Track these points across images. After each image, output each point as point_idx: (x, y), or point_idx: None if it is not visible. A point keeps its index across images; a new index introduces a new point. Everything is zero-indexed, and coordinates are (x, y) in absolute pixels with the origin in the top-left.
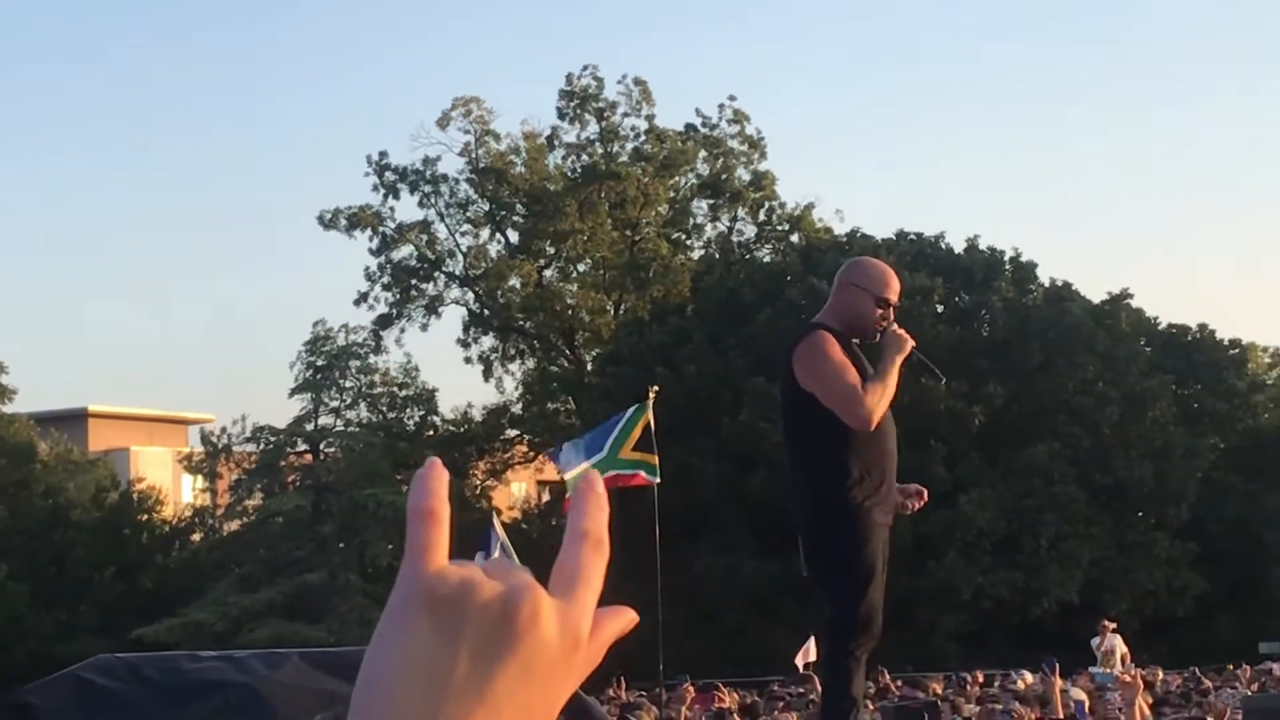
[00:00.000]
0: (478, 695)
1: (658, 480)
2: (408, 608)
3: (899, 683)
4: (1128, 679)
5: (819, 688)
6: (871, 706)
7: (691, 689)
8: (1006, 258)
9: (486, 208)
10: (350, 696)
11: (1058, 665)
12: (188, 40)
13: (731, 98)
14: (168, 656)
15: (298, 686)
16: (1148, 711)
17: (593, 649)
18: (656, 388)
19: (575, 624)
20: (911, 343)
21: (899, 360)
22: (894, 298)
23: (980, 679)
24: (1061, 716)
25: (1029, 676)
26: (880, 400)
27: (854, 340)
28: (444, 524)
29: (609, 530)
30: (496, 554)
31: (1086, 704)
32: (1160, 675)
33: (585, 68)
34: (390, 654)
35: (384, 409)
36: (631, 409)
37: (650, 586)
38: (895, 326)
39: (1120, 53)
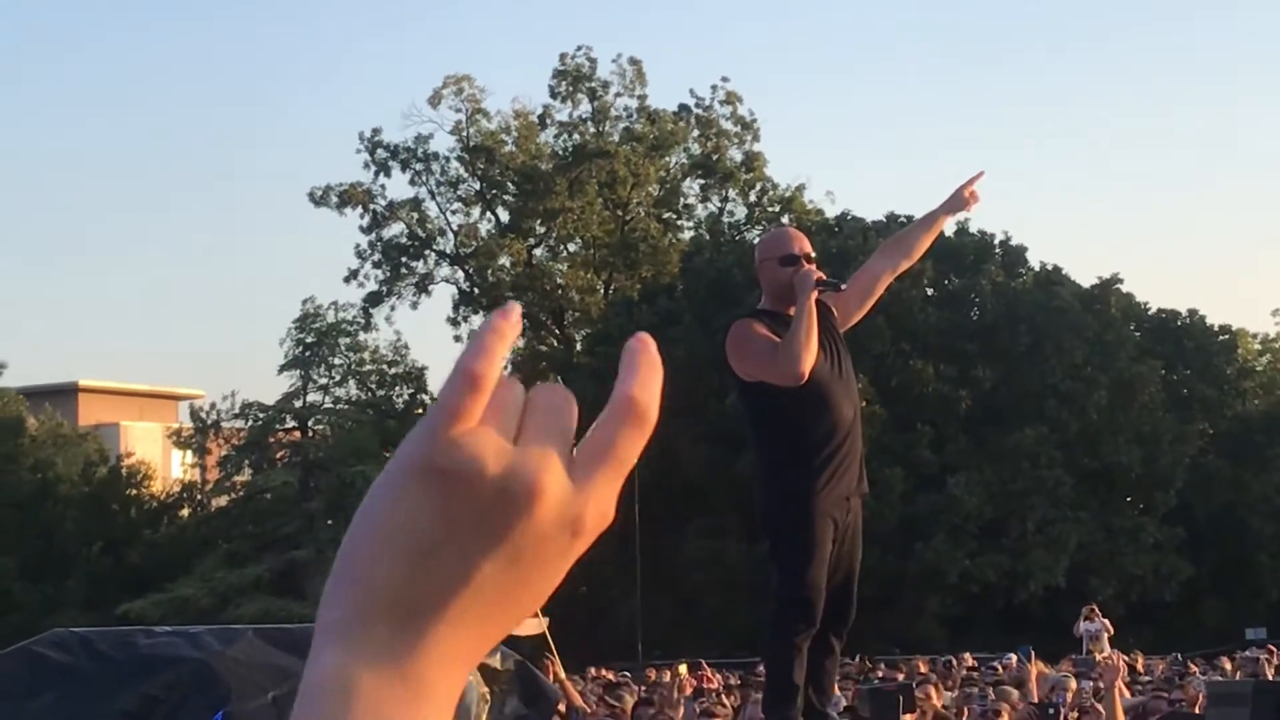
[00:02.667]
0: (463, 575)
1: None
2: (405, 472)
3: (880, 665)
4: (1108, 663)
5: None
6: (851, 687)
7: (684, 671)
8: (997, 241)
9: (477, 186)
10: (300, 670)
11: (1033, 652)
12: (182, 15)
13: (724, 79)
14: (123, 631)
15: (251, 662)
16: (1128, 695)
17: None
18: None
19: (582, 510)
20: (816, 275)
21: (808, 299)
22: (798, 250)
23: (971, 662)
24: (1037, 700)
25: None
26: (796, 346)
27: (822, 300)
28: (484, 392)
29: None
30: None
31: (1069, 692)
32: (1142, 660)
33: (579, 47)
34: (379, 518)
35: (373, 386)
36: None
37: (631, 571)
38: (802, 270)
39: (1111, 39)
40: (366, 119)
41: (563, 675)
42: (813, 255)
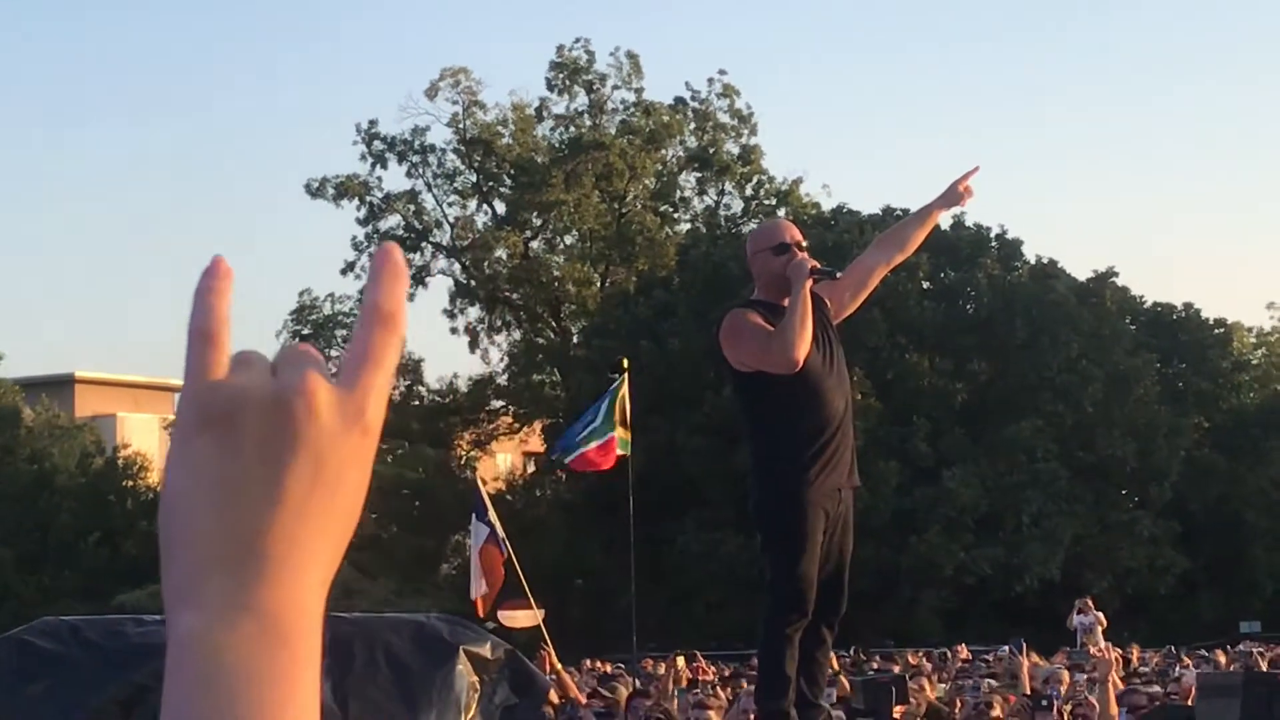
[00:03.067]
0: (273, 500)
1: (628, 453)
2: (187, 428)
3: (875, 657)
4: (1102, 656)
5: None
6: (844, 678)
7: (682, 663)
8: (992, 235)
9: (474, 179)
10: None
11: (1025, 644)
12: (179, 6)
13: (722, 71)
14: (111, 620)
15: None
16: (1122, 687)
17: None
18: (627, 361)
19: (359, 407)
20: (810, 263)
21: (803, 287)
22: (790, 238)
23: (966, 655)
24: (1029, 692)
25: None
26: (791, 334)
27: (815, 291)
28: (220, 344)
29: (593, 500)
30: (491, 518)
31: (1063, 684)
32: (1138, 652)
33: (577, 40)
34: (179, 477)
35: None
36: (613, 386)
37: (626, 563)
38: (795, 259)
39: (1108, 32)
40: (363, 111)
41: (559, 666)
42: (805, 244)
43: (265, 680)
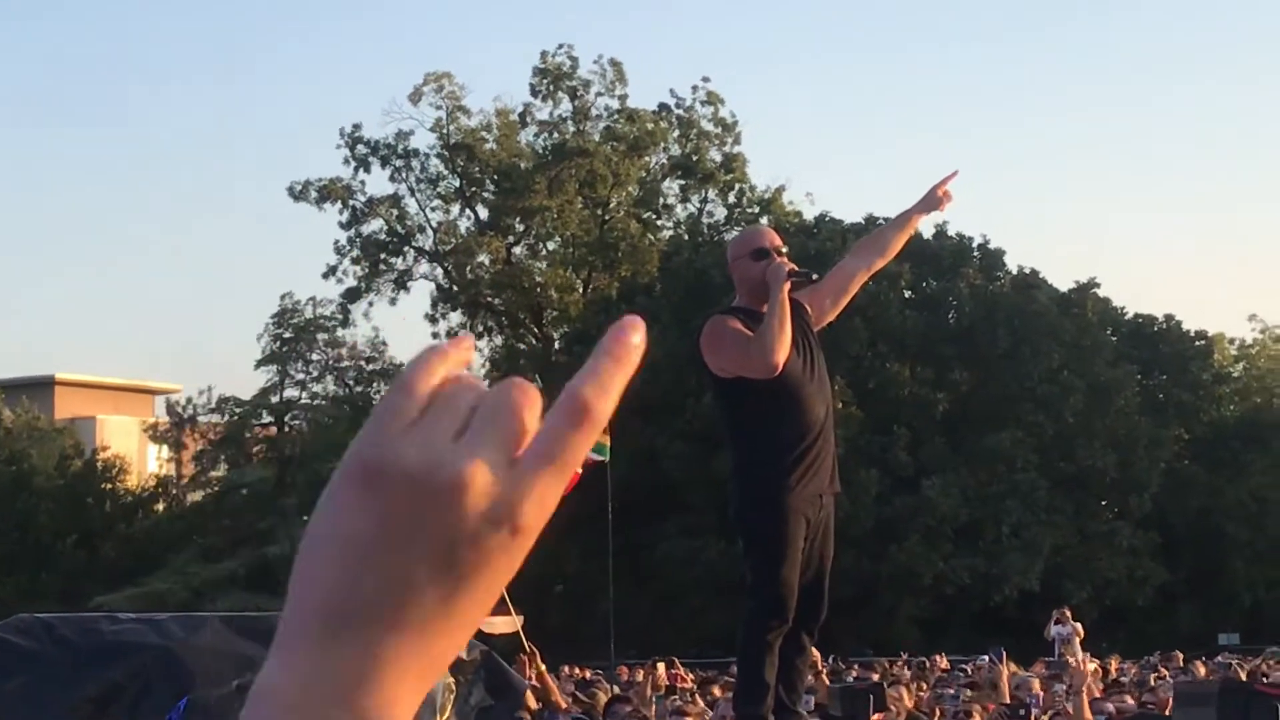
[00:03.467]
0: (398, 578)
1: (606, 459)
2: (341, 476)
3: (855, 665)
4: (1079, 667)
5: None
6: (825, 684)
7: (662, 670)
8: (975, 245)
9: (457, 183)
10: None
11: (1005, 653)
12: (165, 8)
13: (705, 79)
14: (86, 618)
15: (216, 651)
16: (1099, 694)
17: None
18: None
19: (517, 505)
20: (788, 267)
21: (780, 291)
22: (769, 244)
23: (945, 664)
24: (1009, 702)
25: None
26: (771, 338)
27: (795, 297)
28: (412, 395)
29: (573, 506)
30: None
31: (1039, 692)
32: (1116, 663)
33: (560, 46)
34: (320, 526)
35: (350, 383)
36: None
37: (605, 568)
38: (773, 264)
39: (1091, 43)
40: (347, 115)
41: (544, 668)
42: (784, 249)
43: None
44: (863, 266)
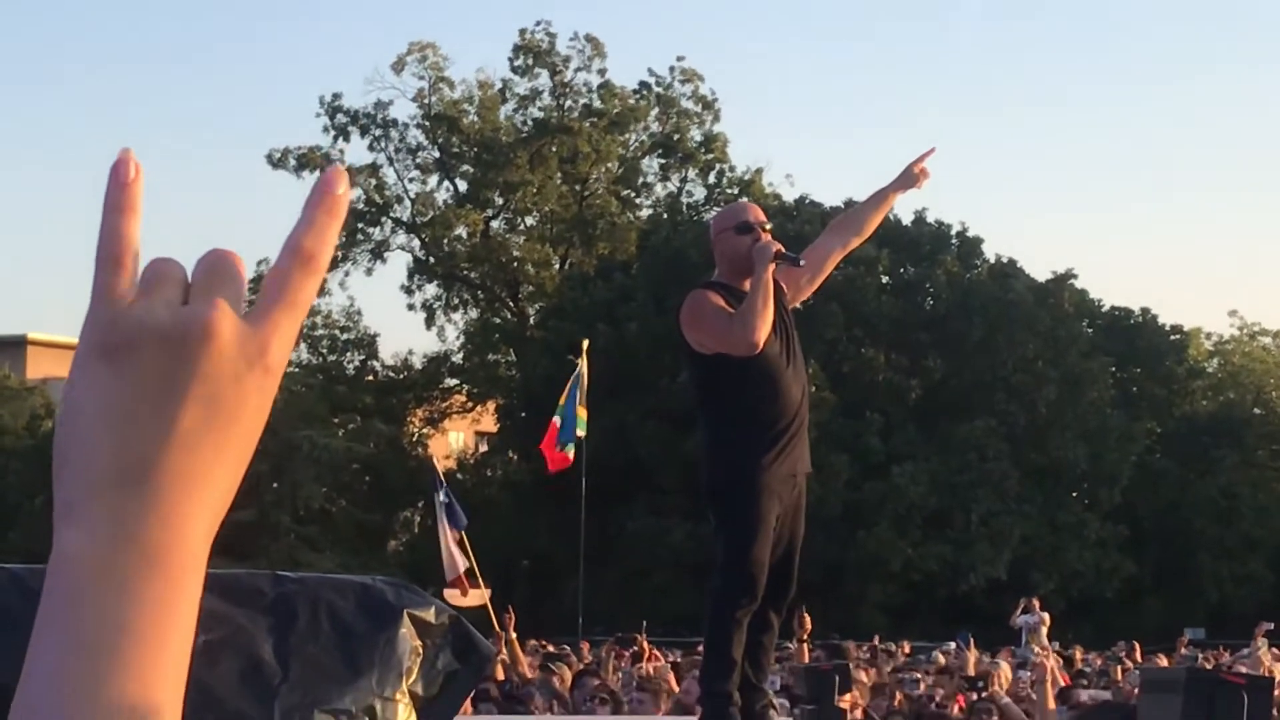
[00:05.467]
0: (165, 432)
1: (583, 434)
2: (88, 353)
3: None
4: (1043, 658)
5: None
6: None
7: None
8: (953, 232)
9: (436, 155)
10: (235, 619)
11: (972, 639)
12: None
13: (680, 57)
14: None
15: None
16: (1065, 682)
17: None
18: (587, 342)
19: (262, 344)
20: (775, 247)
21: (766, 270)
22: (753, 219)
23: (906, 651)
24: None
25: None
26: (753, 316)
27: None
28: (126, 267)
29: (543, 482)
30: (441, 497)
31: (1005, 680)
32: (1080, 654)
33: (538, 23)
34: (76, 399)
35: (324, 351)
36: (575, 370)
37: (575, 546)
38: (758, 242)
39: (1075, 31)
40: (328, 83)
41: (514, 637)
42: (768, 225)
43: (137, 603)
44: (838, 245)
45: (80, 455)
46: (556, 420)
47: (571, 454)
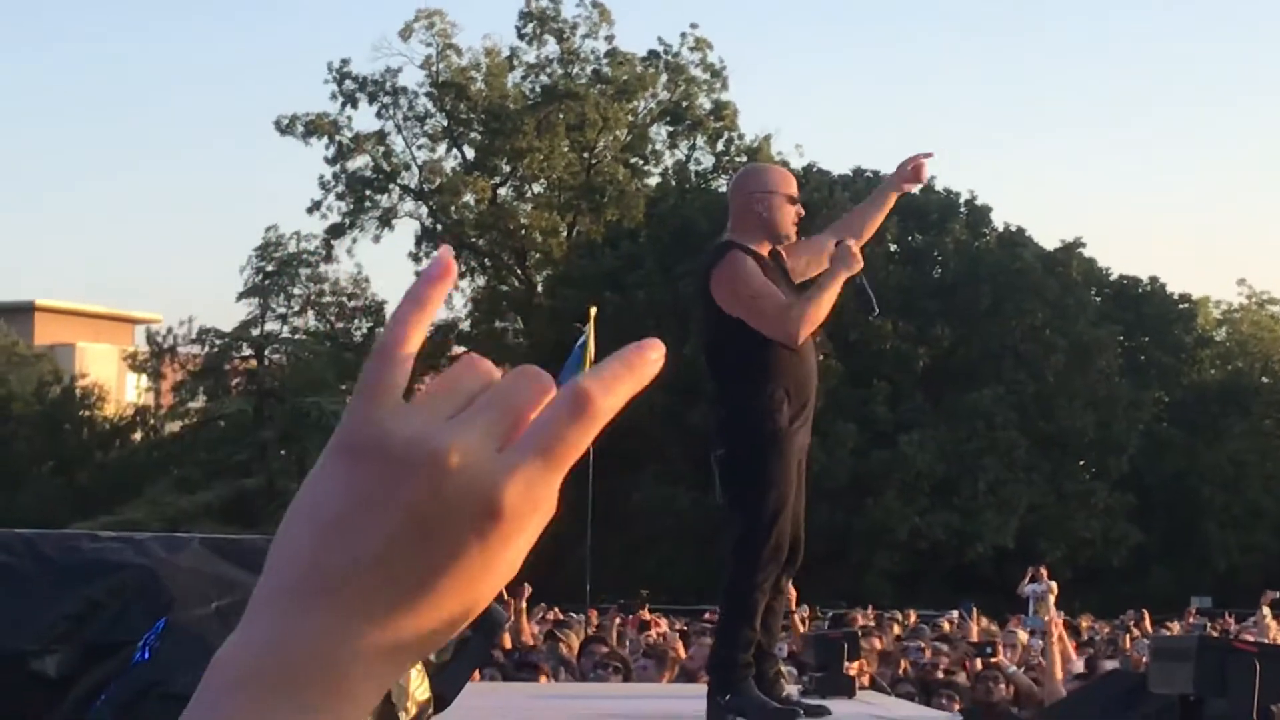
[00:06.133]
0: (368, 548)
1: None
2: (326, 452)
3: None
4: (1051, 626)
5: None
6: (797, 636)
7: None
8: (962, 200)
9: (444, 122)
10: (249, 585)
11: (975, 609)
12: None
13: (693, 25)
14: (68, 534)
15: (196, 571)
16: (1073, 655)
17: (526, 521)
18: (595, 308)
19: (498, 492)
20: (861, 263)
21: (843, 277)
22: (797, 194)
23: (914, 620)
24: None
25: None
26: (814, 315)
27: (776, 247)
28: (400, 365)
29: None
30: None
31: (1018, 648)
32: (1087, 623)
33: None
34: (301, 498)
35: (332, 318)
36: (582, 337)
37: (583, 513)
38: (854, 245)
39: (1083, 2)
40: (336, 49)
41: (524, 608)
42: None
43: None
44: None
45: (283, 552)
46: None
47: None
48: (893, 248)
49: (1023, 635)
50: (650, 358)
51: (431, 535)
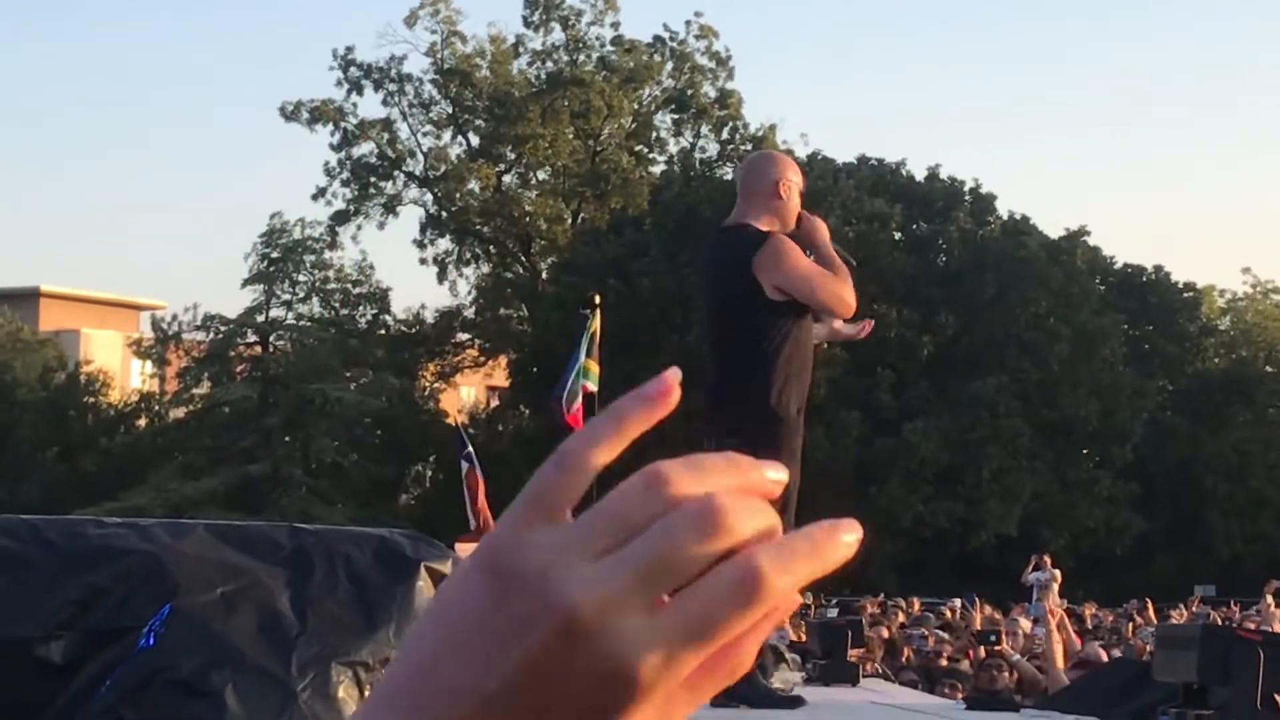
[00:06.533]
0: (483, 675)
1: (594, 389)
2: (475, 560)
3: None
4: (1052, 615)
5: None
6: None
7: None
8: (966, 188)
9: (449, 109)
10: (253, 571)
11: (978, 598)
12: None
13: (698, 13)
14: (72, 520)
15: (201, 557)
16: (1077, 643)
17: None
18: (599, 296)
19: (632, 663)
20: (824, 224)
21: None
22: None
23: (918, 608)
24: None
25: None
26: (849, 284)
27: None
28: (573, 474)
29: (555, 436)
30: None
31: (1020, 636)
32: (1090, 611)
33: None
34: (440, 595)
35: (336, 305)
36: (587, 324)
37: (584, 503)
38: (808, 215)
39: None
40: (341, 36)
41: None
42: None
43: None
44: None
45: (394, 662)
46: (585, 383)
47: (576, 407)
48: (897, 236)
49: (1026, 623)
50: (843, 540)
51: (552, 689)
